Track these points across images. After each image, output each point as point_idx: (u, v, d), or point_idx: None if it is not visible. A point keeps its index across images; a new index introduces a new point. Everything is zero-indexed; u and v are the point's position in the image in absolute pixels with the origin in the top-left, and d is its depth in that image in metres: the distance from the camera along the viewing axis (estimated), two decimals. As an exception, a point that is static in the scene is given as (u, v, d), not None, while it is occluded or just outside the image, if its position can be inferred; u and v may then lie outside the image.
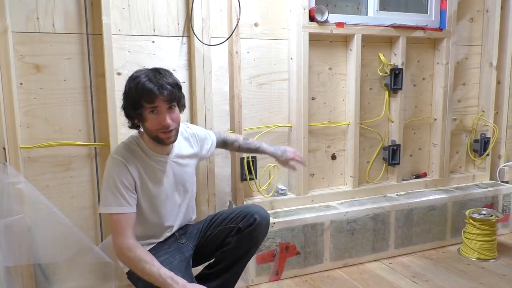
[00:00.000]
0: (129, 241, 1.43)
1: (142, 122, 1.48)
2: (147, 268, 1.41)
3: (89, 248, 1.84)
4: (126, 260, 1.45)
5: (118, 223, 1.44)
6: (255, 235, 1.67)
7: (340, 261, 2.27)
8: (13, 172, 1.74)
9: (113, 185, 1.45)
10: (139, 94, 1.42)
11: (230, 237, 1.67)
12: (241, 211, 1.70)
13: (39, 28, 1.80)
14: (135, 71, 1.50)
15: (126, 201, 1.45)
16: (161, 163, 1.56)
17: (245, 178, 2.18)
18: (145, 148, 1.54)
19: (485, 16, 2.76)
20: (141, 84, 1.41)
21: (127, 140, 1.56)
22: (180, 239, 1.69)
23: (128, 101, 1.46)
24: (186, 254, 1.65)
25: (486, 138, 2.81)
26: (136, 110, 1.45)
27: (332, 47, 2.40)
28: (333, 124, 2.45)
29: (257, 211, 1.68)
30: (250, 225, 1.65)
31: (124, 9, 1.92)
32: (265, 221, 1.69)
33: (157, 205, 1.57)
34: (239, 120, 2.14)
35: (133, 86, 1.43)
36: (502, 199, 2.71)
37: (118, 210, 1.44)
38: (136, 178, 1.49)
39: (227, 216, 1.71)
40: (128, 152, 1.50)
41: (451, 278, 2.15)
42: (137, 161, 1.51)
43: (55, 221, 1.78)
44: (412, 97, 2.65)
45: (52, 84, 1.85)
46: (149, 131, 1.48)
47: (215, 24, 2.09)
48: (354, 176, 2.47)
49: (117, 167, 1.46)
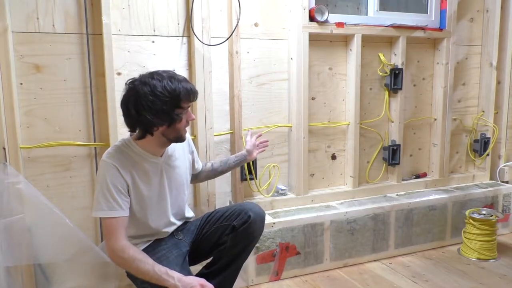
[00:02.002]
0: (121, 243, 1.44)
1: (173, 123, 1.48)
2: (141, 267, 1.42)
3: (89, 248, 1.84)
4: (120, 262, 1.45)
5: (110, 226, 1.45)
6: (250, 232, 1.67)
7: (340, 261, 2.27)
8: (13, 172, 1.74)
9: (106, 189, 1.45)
10: (178, 95, 1.43)
11: (226, 236, 1.68)
12: (235, 208, 1.71)
13: (39, 28, 1.80)
14: (147, 75, 1.46)
15: (119, 205, 1.46)
16: (154, 165, 1.56)
17: (245, 178, 2.19)
18: (139, 151, 1.53)
19: (485, 16, 2.76)
20: (181, 85, 1.44)
21: (119, 143, 1.54)
22: (177, 235, 1.70)
23: (164, 104, 1.42)
24: (183, 249, 1.66)
25: (486, 138, 2.81)
26: (176, 111, 1.45)
27: (332, 47, 2.40)
28: (333, 124, 2.45)
29: (251, 208, 1.69)
30: (245, 223, 1.65)
31: (124, 9, 1.92)
32: (259, 217, 1.69)
33: (150, 207, 1.57)
34: (239, 120, 2.14)
35: (168, 88, 1.42)
36: (502, 199, 2.71)
37: (110, 214, 1.45)
38: (129, 181, 1.49)
39: (222, 214, 1.72)
40: (120, 155, 1.50)
41: (451, 278, 2.15)
42: (130, 164, 1.50)
43: (55, 221, 1.78)
44: (412, 97, 2.65)
45: (52, 84, 1.85)
46: (177, 131, 1.50)
47: (215, 24, 2.09)
48: (354, 176, 2.47)
49: (109, 171, 1.46)
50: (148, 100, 1.40)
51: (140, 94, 1.42)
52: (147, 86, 1.42)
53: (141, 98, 1.41)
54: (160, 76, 1.44)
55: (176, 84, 1.44)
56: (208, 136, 2.08)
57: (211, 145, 2.09)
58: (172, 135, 1.52)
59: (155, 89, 1.41)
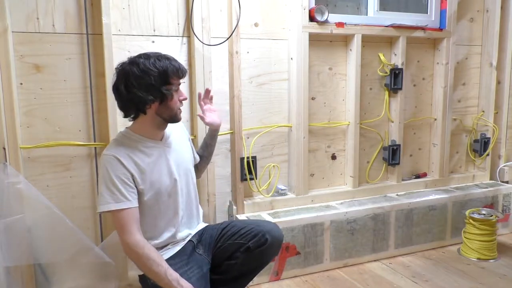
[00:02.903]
0: (135, 237, 1.42)
1: (166, 101, 1.49)
2: (154, 268, 1.40)
3: (89, 248, 1.84)
4: (134, 257, 1.43)
5: (121, 220, 1.42)
6: (264, 256, 1.65)
7: (340, 261, 2.27)
8: (13, 172, 1.74)
9: (109, 181, 1.43)
10: (166, 71, 1.45)
11: (239, 253, 1.63)
12: (252, 228, 1.64)
13: (39, 28, 1.80)
14: (135, 56, 1.50)
15: (124, 196, 1.43)
16: (156, 149, 1.55)
17: (245, 178, 2.18)
18: (137, 137, 1.53)
19: (485, 16, 2.76)
20: (169, 61, 1.47)
21: (117, 136, 1.56)
22: (197, 248, 1.65)
23: (152, 80, 1.44)
24: (204, 269, 1.60)
25: (486, 138, 2.81)
26: (165, 86, 1.46)
27: (332, 47, 2.40)
28: (333, 124, 2.45)
29: (269, 231, 1.63)
30: (261, 246, 1.61)
31: (124, 9, 1.92)
32: (277, 242, 1.65)
33: (162, 193, 1.54)
34: (239, 120, 2.14)
35: (157, 65, 1.44)
36: (502, 199, 2.71)
37: (117, 207, 1.42)
38: (133, 171, 1.47)
39: (238, 230, 1.65)
40: (119, 146, 1.49)
41: (451, 278, 2.15)
42: (130, 152, 1.49)
43: (55, 221, 1.78)
44: (412, 97, 2.65)
45: (52, 84, 1.85)
46: (170, 109, 1.51)
47: (215, 24, 2.09)
48: (354, 176, 2.47)
49: (110, 163, 1.45)
50: (137, 76, 1.44)
51: (128, 73, 1.45)
52: (134, 65, 1.46)
53: (130, 76, 1.45)
54: (146, 55, 1.48)
55: (164, 61, 1.47)
56: (208, 136, 2.08)
57: (211, 145, 2.09)
58: (166, 114, 1.52)
59: (143, 66, 1.44)
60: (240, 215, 2.17)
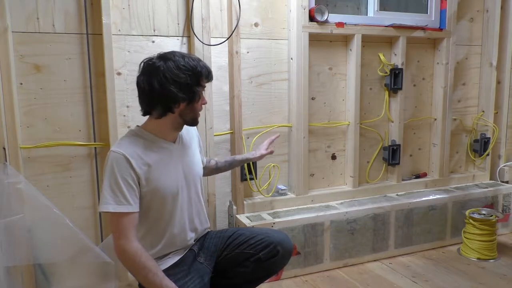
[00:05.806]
0: (132, 245, 1.36)
1: (193, 102, 1.46)
2: (149, 277, 1.35)
3: (89, 248, 1.84)
4: (129, 265, 1.38)
5: (119, 224, 1.37)
6: (274, 267, 1.63)
7: (340, 261, 2.27)
8: (13, 172, 1.73)
9: (114, 182, 1.37)
10: (200, 72, 1.43)
11: (249, 262, 1.59)
12: (262, 238, 1.59)
13: (39, 28, 1.80)
14: (164, 54, 1.45)
15: (127, 199, 1.37)
16: (168, 152, 1.49)
17: (245, 178, 2.19)
18: (150, 137, 1.47)
19: (485, 16, 2.76)
20: (201, 63, 1.45)
21: (128, 133, 1.48)
22: (199, 256, 1.59)
23: (188, 78, 1.41)
24: (205, 278, 1.55)
25: (486, 138, 2.81)
26: (196, 87, 1.44)
27: (332, 47, 2.40)
28: (333, 124, 2.45)
29: (280, 242, 1.60)
30: (272, 257, 1.58)
31: (124, 9, 1.92)
32: (288, 253, 1.63)
33: (167, 197, 1.47)
34: (239, 120, 2.14)
35: (191, 64, 1.42)
36: (502, 199, 2.71)
37: (118, 209, 1.36)
38: (140, 172, 1.40)
39: (246, 240, 1.60)
40: (130, 145, 1.42)
41: (451, 278, 2.15)
42: (142, 153, 1.42)
43: (55, 221, 1.78)
44: (412, 97, 2.65)
45: (52, 84, 1.85)
46: (194, 111, 1.49)
47: (215, 24, 2.09)
48: (354, 176, 2.47)
49: (118, 163, 1.37)
50: (173, 73, 1.39)
51: (163, 69, 1.39)
52: (170, 61, 1.41)
53: (166, 72, 1.39)
54: (179, 53, 1.45)
55: (196, 61, 1.45)
56: (208, 136, 2.08)
57: (211, 145, 2.09)
58: (189, 116, 1.48)
59: (179, 63, 1.41)
60: (240, 215, 2.17)
